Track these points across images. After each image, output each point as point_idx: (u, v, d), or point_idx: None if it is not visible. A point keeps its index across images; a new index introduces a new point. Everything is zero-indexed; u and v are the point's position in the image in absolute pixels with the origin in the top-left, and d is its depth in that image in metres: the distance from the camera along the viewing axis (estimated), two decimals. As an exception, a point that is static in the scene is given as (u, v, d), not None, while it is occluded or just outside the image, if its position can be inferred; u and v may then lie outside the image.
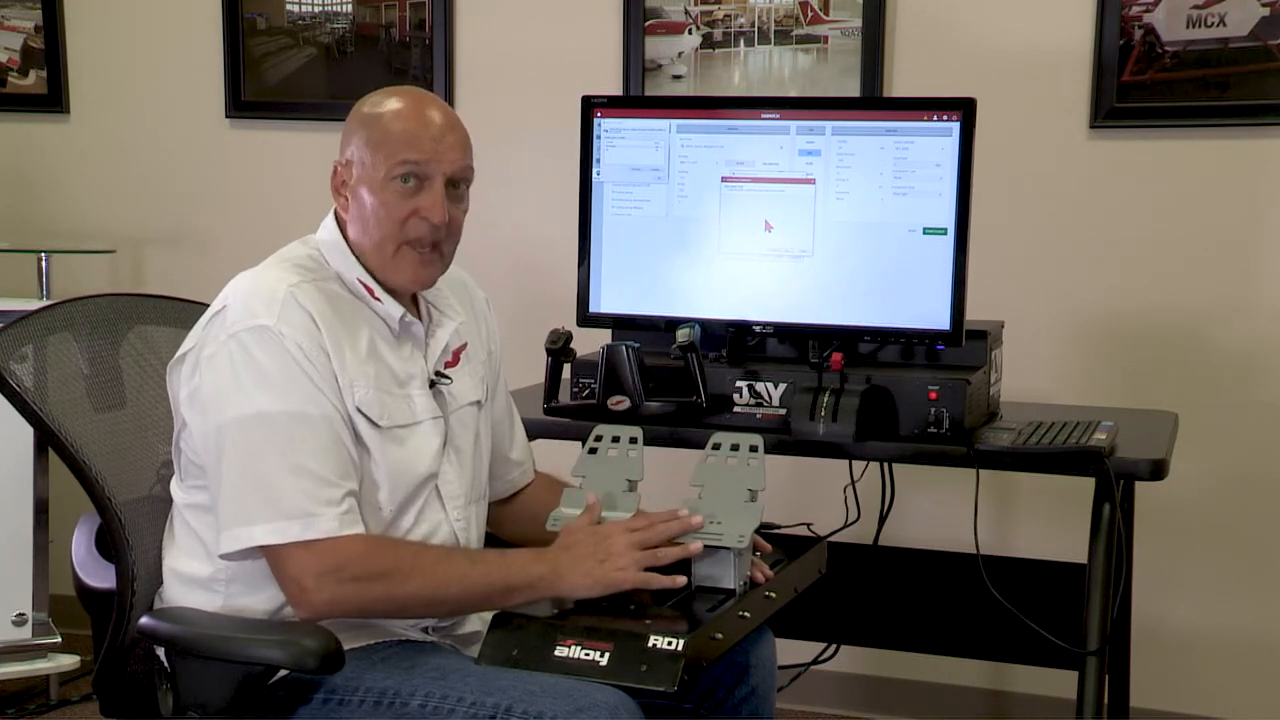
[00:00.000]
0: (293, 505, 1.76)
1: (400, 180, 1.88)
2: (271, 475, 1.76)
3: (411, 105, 1.92)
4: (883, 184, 2.44)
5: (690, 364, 2.37)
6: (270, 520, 1.76)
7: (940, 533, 3.07)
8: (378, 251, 1.91)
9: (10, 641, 3.19)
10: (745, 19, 3.32)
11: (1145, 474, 2.30)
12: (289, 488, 1.76)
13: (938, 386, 2.35)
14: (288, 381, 1.79)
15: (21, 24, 3.84)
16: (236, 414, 1.78)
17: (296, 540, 1.76)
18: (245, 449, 1.78)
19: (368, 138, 1.90)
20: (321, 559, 1.76)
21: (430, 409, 1.95)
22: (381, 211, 1.89)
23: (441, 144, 1.90)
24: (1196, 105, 3.06)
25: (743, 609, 1.92)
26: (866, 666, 3.38)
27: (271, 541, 1.76)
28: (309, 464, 1.77)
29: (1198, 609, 3.19)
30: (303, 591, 1.77)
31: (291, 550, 1.76)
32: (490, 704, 1.71)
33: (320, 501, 1.77)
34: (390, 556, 1.81)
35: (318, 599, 1.77)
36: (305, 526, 1.76)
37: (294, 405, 1.78)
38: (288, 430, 1.77)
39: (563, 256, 2.80)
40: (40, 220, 3.88)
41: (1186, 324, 3.13)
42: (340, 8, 3.62)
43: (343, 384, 1.83)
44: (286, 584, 1.79)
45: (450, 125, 1.92)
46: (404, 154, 1.88)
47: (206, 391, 1.81)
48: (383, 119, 1.91)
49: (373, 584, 1.79)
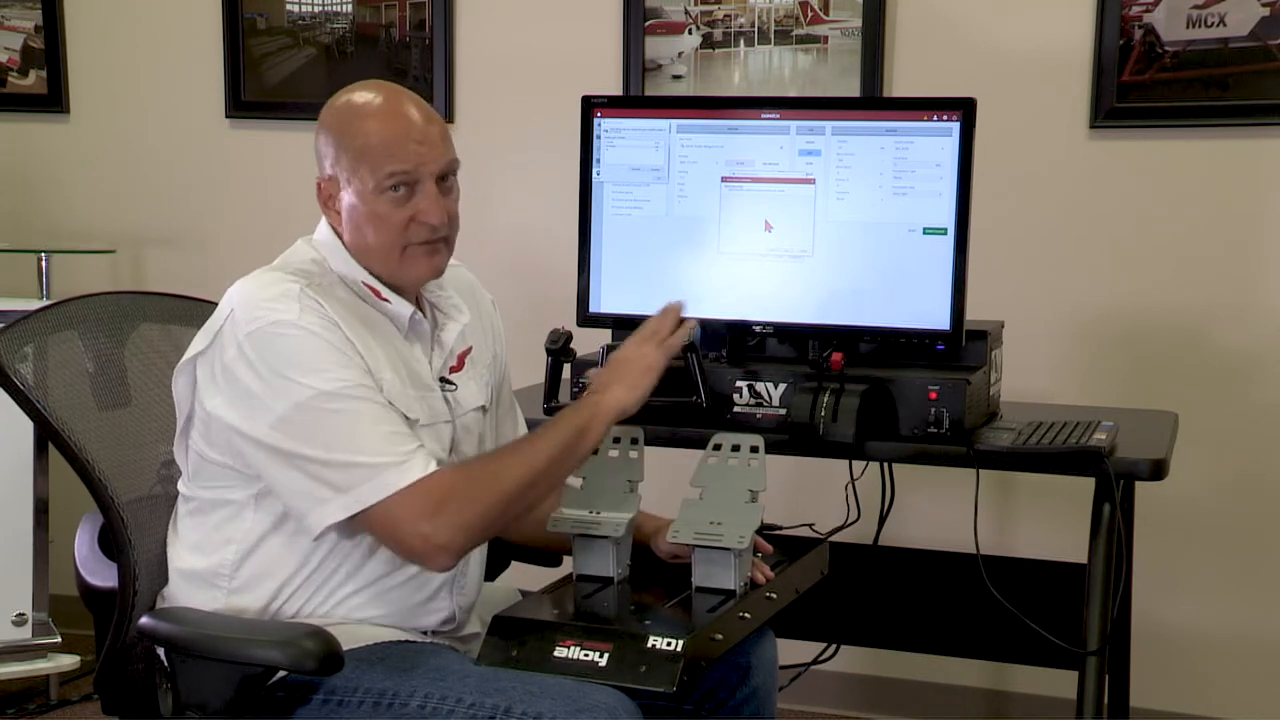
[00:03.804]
0: (381, 460, 1.77)
1: (391, 190, 1.87)
2: (351, 442, 1.77)
3: (384, 107, 1.89)
4: (883, 184, 2.44)
5: (690, 364, 2.37)
6: (365, 481, 1.76)
7: (940, 533, 3.07)
8: (384, 257, 1.91)
9: (10, 641, 3.19)
10: (745, 19, 3.32)
11: (1145, 474, 2.30)
12: (369, 448, 1.77)
13: (938, 386, 2.35)
14: (328, 360, 1.79)
15: (21, 24, 3.84)
16: (292, 402, 1.77)
17: (397, 490, 1.76)
18: (314, 429, 1.77)
19: (347, 150, 1.88)
20: (426, 500, 1.76)
21: (444, 411, 1.95)
22: (379, 222, 1.88)
23: (425, 144, 1.88)
24: (1196, 105, 3.06)
25: (743, 610, 1.92)
26: (866, 666, 3.38)
27: (376, 498, 1.76)
28: (379, 423, 1.79)
29: (1198, 609, 3.19)
30: (427, 539, 1.77)
31: (396, 504, 1.76)
32: (489, 705, 1.72)
33: (403, 452, 1.78)
34: (474, 469, 1.86)
35: (443, 538, 1.77)
36: (401, 474, 1.76)
37: (343, 378, 1.79)
38: (348, 399, 1.78)
39: (563, 256, 2.80)
40: (40, 220, 3.88)
41: (1186, 324, 3.13)
42: (340, 8, 3.62)
43: (374, 375, 1.83)
44: (407, 539, 1.78)
45: (427, 121, 1.90)
46: (390, 166, 1.86)
47: (253, 390, 1.79)
48: (358, 128, 1.88)
49: (481, 495, 1.80)
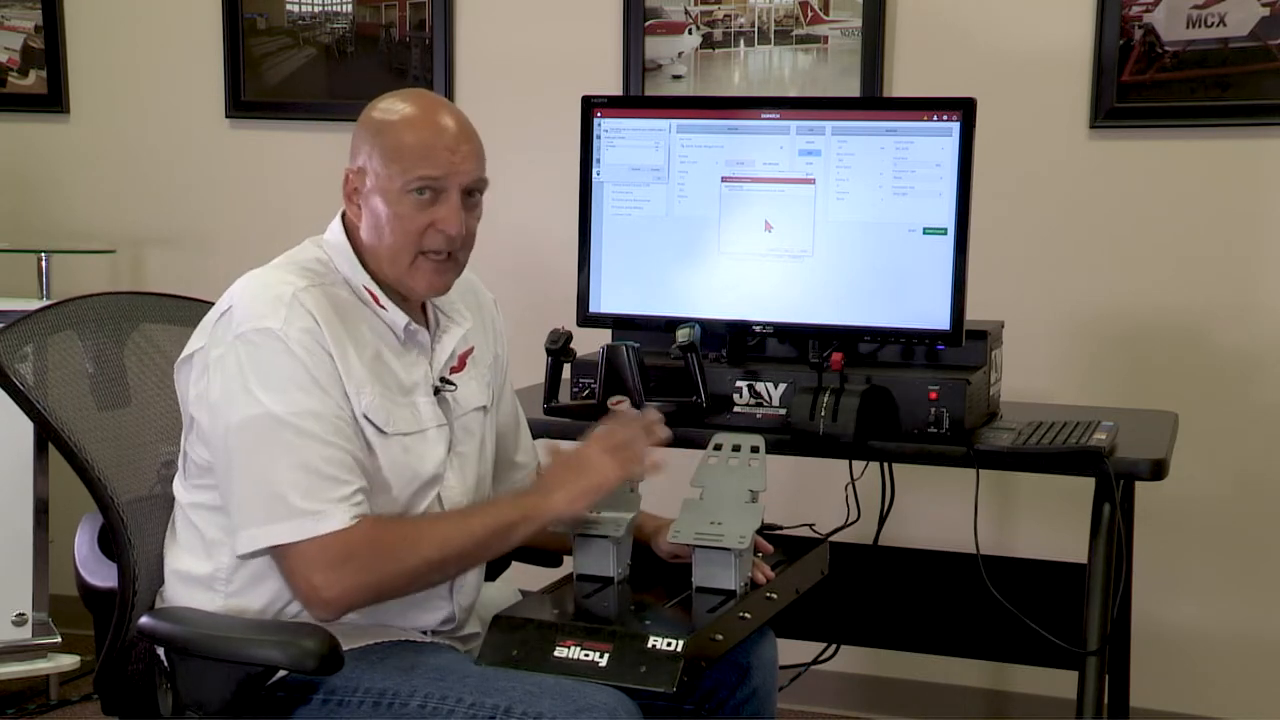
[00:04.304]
0: (304, 504, 1.76)
1: (416, 193, 1.87)
2: (281, 475, 1.76)
3: (425, 113, 1.91)
4: (883, 184, 2.44)
5: (690, 364, 2.37)
6: (283, 519, 1.76)
7: (940, 533, 3.07)
8: (394, 261, 1.91)
9: (10, 641, 3.19)
10: (745, 19, 3.32)
11: (1145, 474, 2.30)
12: (299, 486, 1.76)
13: (938, 386, 2.35)
14: (294, 382, 1.79)
15: (21, 24, 3.84)
16: (245, 415, 1.78)
17: (310, 537, 1.75)
18: (255, 450, 1.78)
19: (381, 147, 1.89)
20: (330, 552, 1.76)
21: (435, 416, 1.94)
22: (397, 223, 1.88)
23: (457, 154, 1.88)
24: (1196, 105, 3.06)
25: (743, 610, 1.92)
26: (866, 666, 3.38)
27: (286, 540, 1.76)
28: (317, 463, 1.77)
29: (1198, 609, 3.19)
30: (315, 590, 1.77)
31: (303, 549, 1.76)
32: (489, 705, 1.72)
33: (330, 499, 1.77)
34: (393, 531, 1.82)
35: (330, 594, 1.77)
36: (317, 522, 1.76)
37: (301, 405, 1.78)
38: (296, 430, 1.77)
39: (563, 256, 2.80)
40: (40, 220, 3.88)
41: (1186, 324, 3.13)
42: (340, 8, 3.62)
43: (349, 389, 1.83)
44: (298, 584, 1.79)
45: (465, 135, 1.91)
46: (420, 169, 1.87)
47: (215, 393, 1.81)
48: (396, 128, 1.89)
49: (384, 564, 1.79)
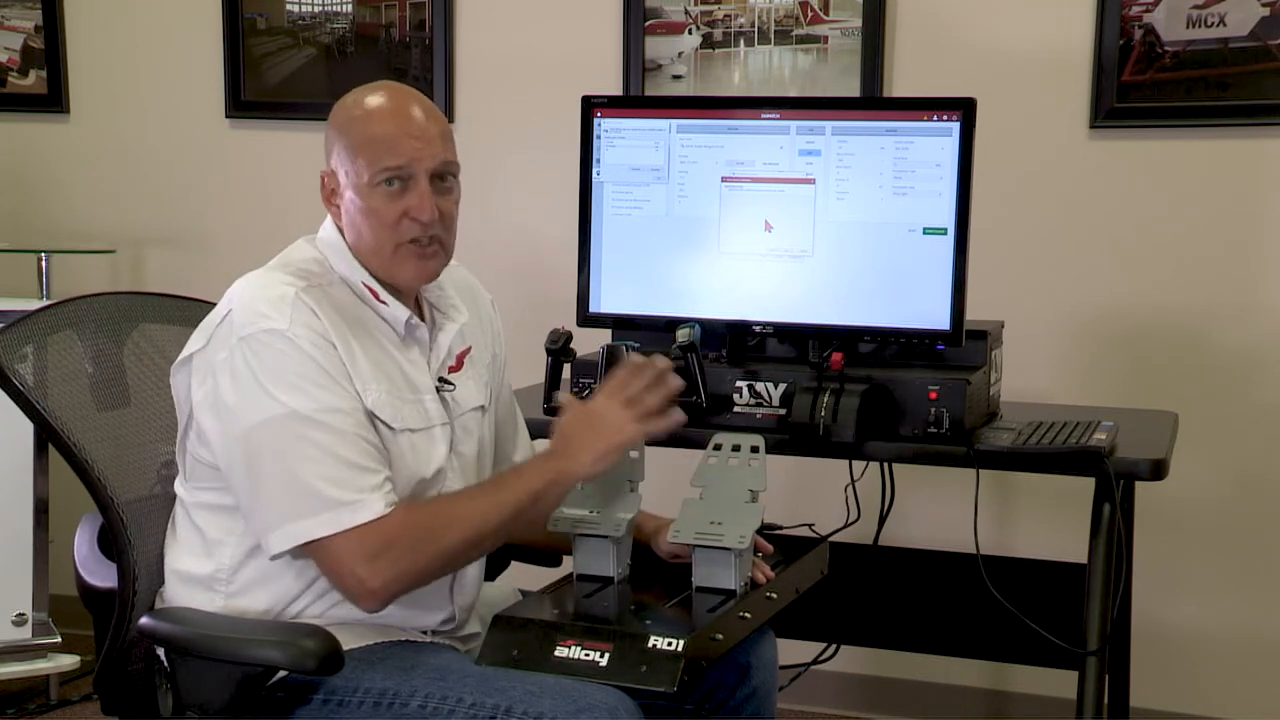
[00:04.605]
0: (339, 495, 1.77)
1: (385, 184, 1.89)
2: (312, 470, 1.77)
3: (387, 105, 1.92)
4: (883, 184, 2.44)
5: (690, 364, 2.37)
6: (318, 512, 1.76)
7: (940, 533, 3.07)
8: (377, 254, 1.92)
9: (10, 641, 3.19)
10: (745, 19, 3.32)
11: (1145, 474, 2.30)
12: (331, 479, 1.77)
13: (938, 386, 2.35)
14: (309, 379, 1.79)
15: (21, 24, 3.84)
16: (265, 416, 1.78)
17: (346, 528, 1.76)
18: (281, 449, 1.78)
19: (348, 144, 1.90)
20: (368, 543, 1.76)
21: (440, 414, 1.95)
22: (372, 217, 1.90)
23: (420, 140, 1.89)
24: (1196, 105, 3.06)
25: (743, 609, 1.92)
26: (866, 666, 3.38)
27: (325, 533, 1.76)
28: (345, 454, 1.78)
29: (1198, 609, 3.19)
30: (360, 582, 1.77)
31: (340, 543, 1.76)
32: (490, 705, 1.72)
33: (364, 488, 1.78)
34: (427, 514, 1.83)
35: (375, 584, 1.77)
36: (354, 512, 1.76)
37: (323, 401, 1.79)
38: (319, 425, 1.78)
39: (563, 256, 2.80)
40: (40, 220, 3.88)
41: (1186, 324, 3.13)
42: (340, 8, 3.62)
43: (358, 386, 1.83)
44: (343, 578, 1.79)
45: (428, 120, 1.92)
46: (384, 160, 1.88)
47: (228, 398, 1.80)
48: (357, 123, 1.91)
49: (423, 547, 1.79)
